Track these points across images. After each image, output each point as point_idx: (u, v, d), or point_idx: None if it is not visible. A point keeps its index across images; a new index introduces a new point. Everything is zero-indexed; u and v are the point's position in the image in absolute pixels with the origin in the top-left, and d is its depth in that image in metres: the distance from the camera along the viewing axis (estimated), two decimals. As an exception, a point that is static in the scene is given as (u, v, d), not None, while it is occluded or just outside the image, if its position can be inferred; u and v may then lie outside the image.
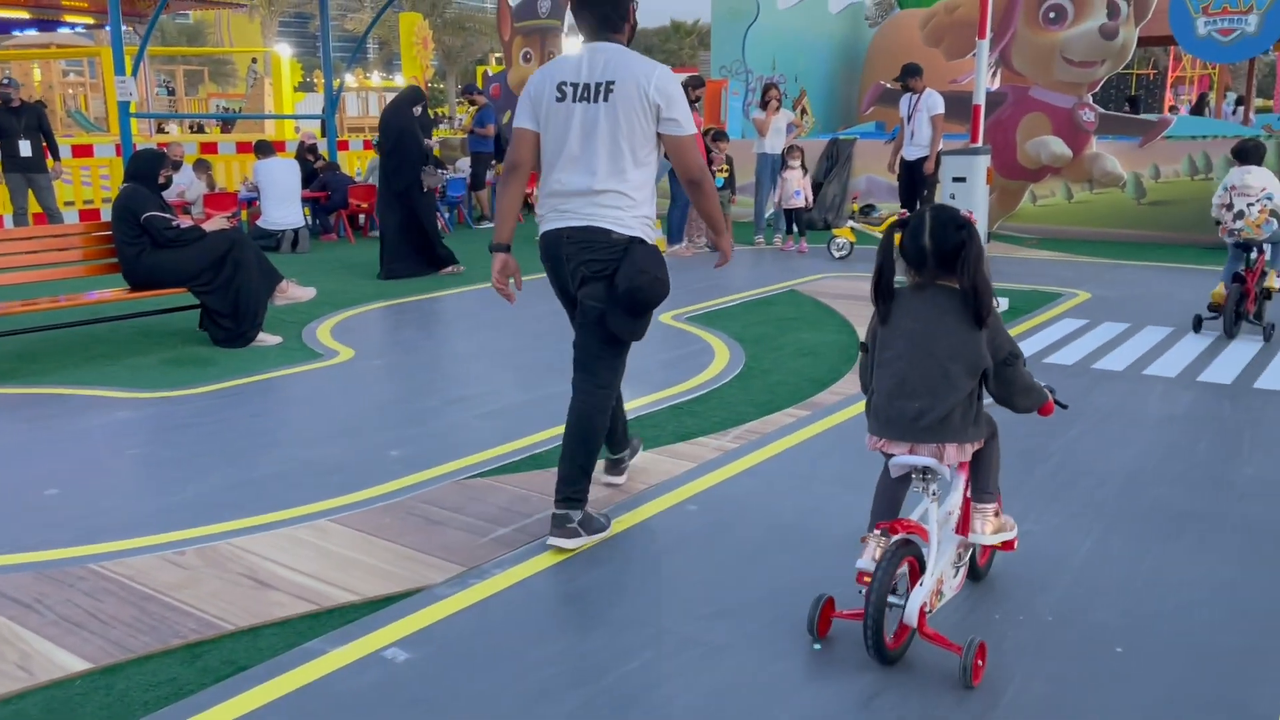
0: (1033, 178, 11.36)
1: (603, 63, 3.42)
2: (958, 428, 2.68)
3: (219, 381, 5.71)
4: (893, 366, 2.73)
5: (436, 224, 9.63)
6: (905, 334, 2.72)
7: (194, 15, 44.32)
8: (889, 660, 2.67)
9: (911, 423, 2.68)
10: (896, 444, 2.74)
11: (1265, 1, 10.14)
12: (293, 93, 23.72)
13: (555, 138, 3.49)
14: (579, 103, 3.43)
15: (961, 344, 2.66)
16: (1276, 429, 4.67)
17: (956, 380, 2.65)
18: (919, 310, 2.73)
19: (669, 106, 3.41)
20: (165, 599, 3.08)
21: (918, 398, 2.67)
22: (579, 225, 3.46)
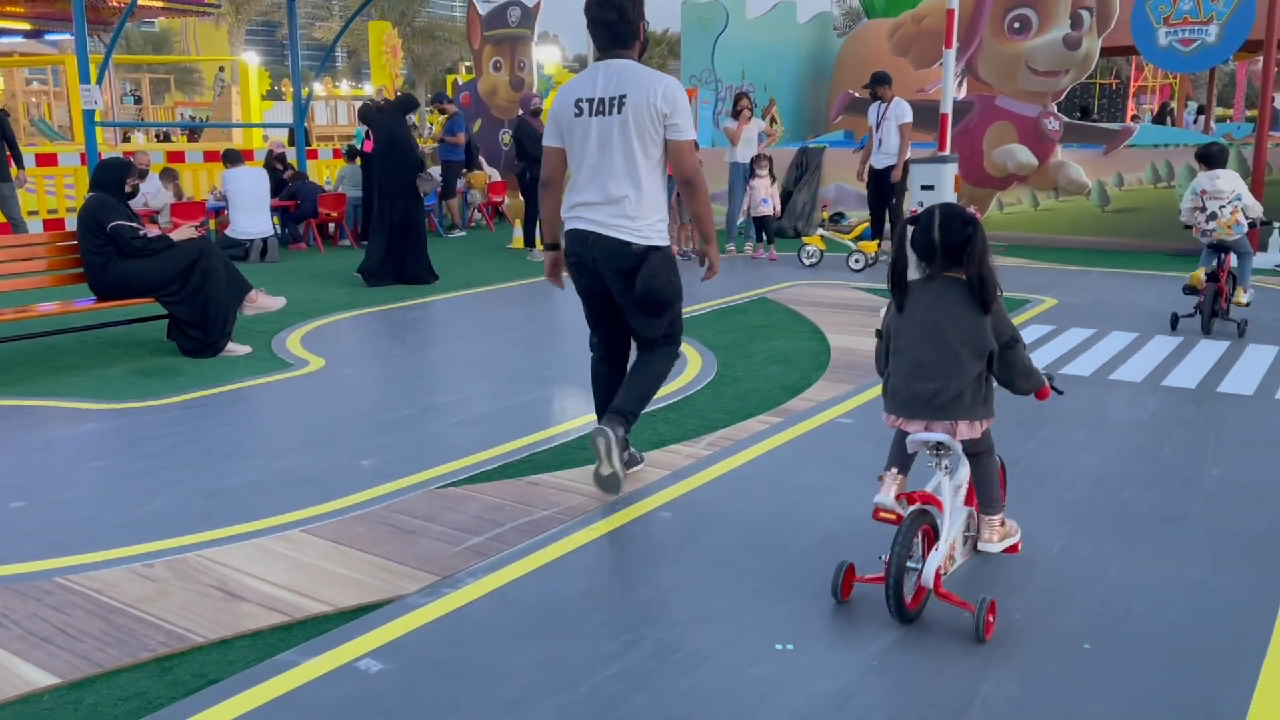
0: (999, 185, 11.50)
1: (616, 78, 3.77)
2: (969, 406, 2.93)
3: (188, 392, 5.65)
4: (909, 352, 2.96)
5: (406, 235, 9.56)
6: (919, 322, 2.96)
7: (160, 23, 43.92)
8: (908, 619, 2.93)
9: (927, 403, 2.93)
10: (912, 422, 2.98)
11: (1224, 13, 10.33)
12: (260, 101, 23.54)
13: (576, 150, 3.87)
14: (595, 116, 3.79)
15: (969, 329, 2.90)
16: (1240, 432, 4.75)
17: (966, 363, 2.90)
18: (930, 300, 2.95)
19: (673, 113, 3.75)
20: (134, 612, 3.04)
21: (932, 379, 2.91)
22: (603, 234, 3.83)
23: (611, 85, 3.77)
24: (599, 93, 3.78)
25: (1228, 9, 10.28)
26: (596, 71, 3.83)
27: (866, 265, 9.95)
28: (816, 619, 2.97)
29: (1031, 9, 10.80)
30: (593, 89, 3.80)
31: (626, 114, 3.73)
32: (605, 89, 3.77)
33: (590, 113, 3.80)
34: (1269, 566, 3.29)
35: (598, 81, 3.80)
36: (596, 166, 3.80)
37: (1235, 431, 4.76)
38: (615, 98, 3.75)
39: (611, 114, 3.75)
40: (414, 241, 9.45)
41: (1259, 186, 10.21)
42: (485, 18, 15.85)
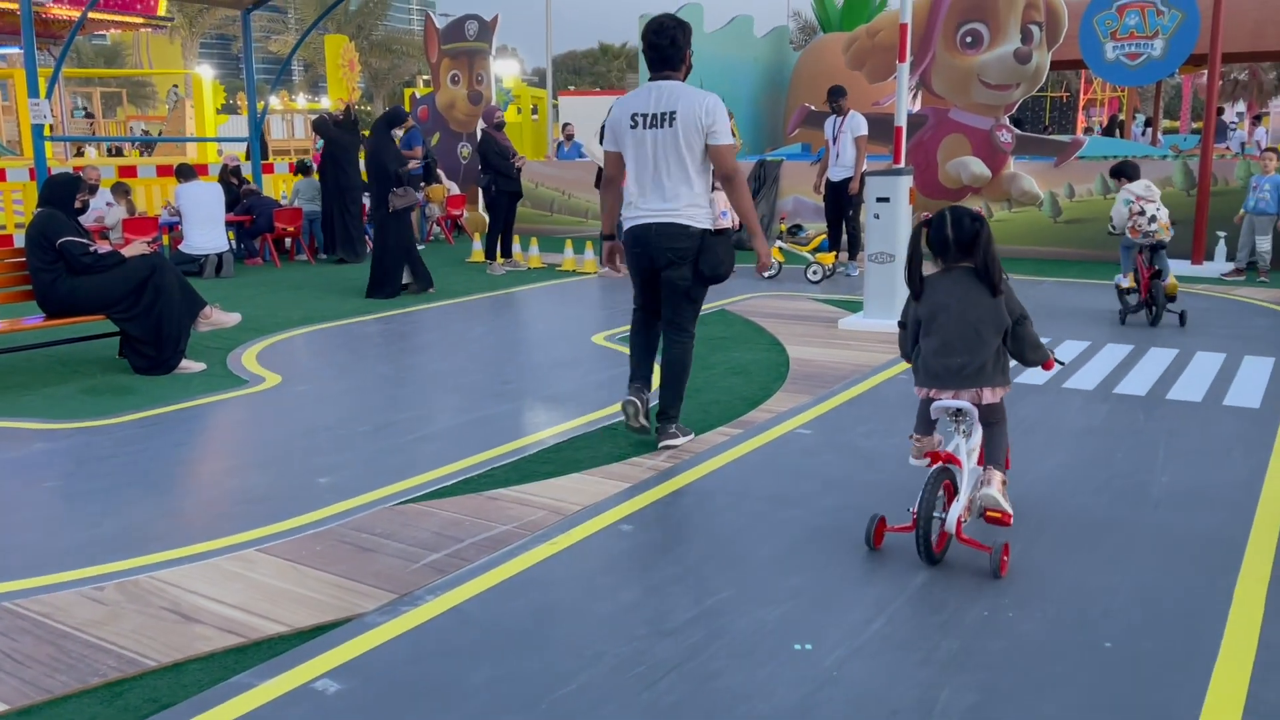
0: (954, 197, 11.65)
1: (667, 96, 4.49)
2: (990, 375, 3.45)
3: (140, 410, 5.56)
4: (937, 333, 3.46)
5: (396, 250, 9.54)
6: (943, 307, 3.46)
7: (112, 36, 43.34)
8: (935, 562, 3.39)
9: (955, 374, 3.44)
10: (941, 391, 3.48)
11: (1169, 28, 10.57)
12: (215, 115, 23.28)
13: (634, 158, 4.59)
14: (649, 129, 4.51)
15: (987, 310, 3.42)
16: (1189, 439, 4.84)
17: (987, 339, 3.42)
18: (949, 288, 3.47)
19: (714, 124, 4.49)
20: (84, 636, 2.98)
21: (959, 354, 3.43)
22: (664, 222, 4.56)
23: (663, 102, 4.48)
24: (652, 108, 4.49)
25: (1173, 24, 10.53)
26: (650, 90, 4.54)
27: (824, 277, 10.03)
28: (777, 630, 2.98)
29: (983, 24, 10.98)
30: (646, 105, 4.51)
31: (677, 127, 4.46)
32: (657, 105, 4.49)
33: (645, 126, 4.52)
34: (1218, 570, 3.36)
35: (650, 99, 4.51)
36: (655, 171, 4.53)
37: (1183, 439, 4.85)
38: (667, 113, 4.47)
39: (664, 127, 4.48)
40: (382, 255, 9.49)
41: (1205, 196, 10.45)
42: (443, 31, 15.81)
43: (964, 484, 3.44)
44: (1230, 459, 4.53)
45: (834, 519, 3.85)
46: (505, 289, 9.98)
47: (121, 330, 6.51)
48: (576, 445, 4.84)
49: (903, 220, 7.51)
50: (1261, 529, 3.70)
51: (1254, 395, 5.58)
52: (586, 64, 72.78)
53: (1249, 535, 3.65)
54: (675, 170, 4.52)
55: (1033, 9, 10.81)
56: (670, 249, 4.58)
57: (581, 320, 8.24)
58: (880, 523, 3.56)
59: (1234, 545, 3.56)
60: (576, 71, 71.25)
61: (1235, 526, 3.73)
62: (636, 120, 4.54)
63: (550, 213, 15.41)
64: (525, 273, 11.19)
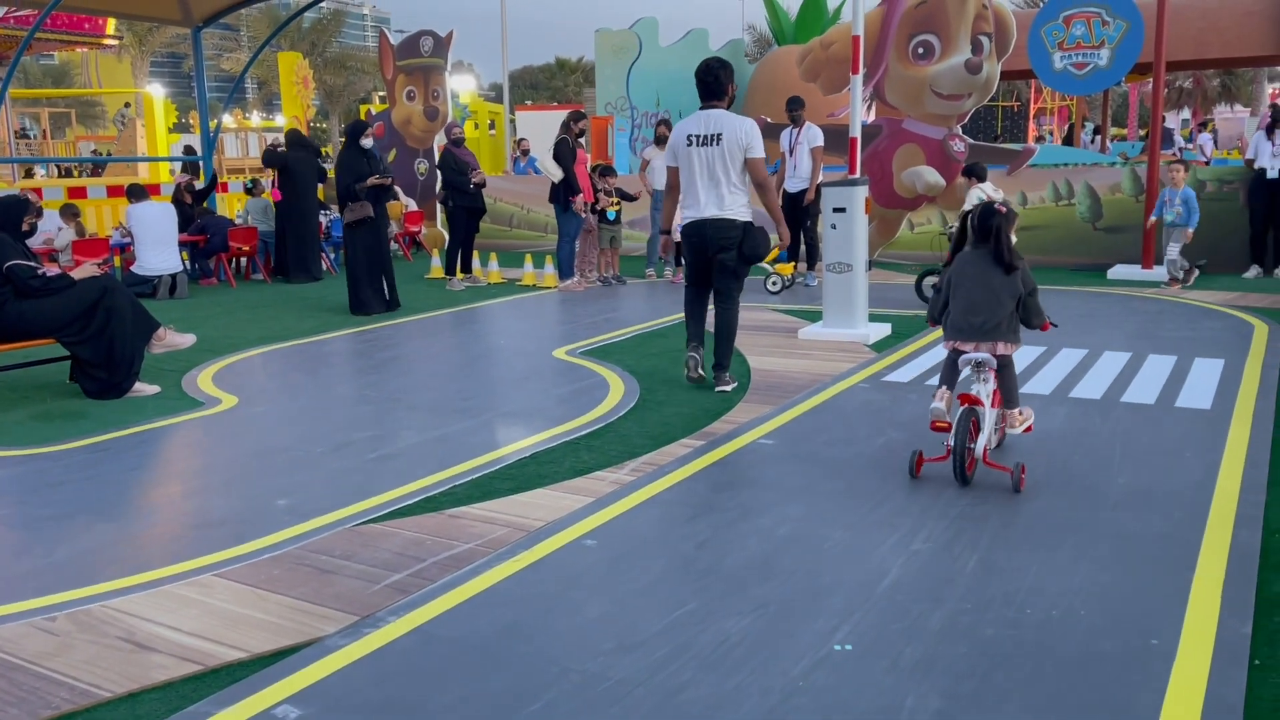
0: (909, 206, 11.78)
1: (714, 121, 5.86)
2: (1004, 332, 4.34)
3: (93, 435, 5.46)
4: (965, 298, 4.37)
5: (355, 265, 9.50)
6: (971, 277, 4.38)
7: (59, 56, 42.68)
8: (967, 483, 4.23)
9: (977, 330, 4.33)
10: (966, 344, 4.37)
11: (1115, 38, 10.78)
12: (167, 134, 22.99)
13: (689, 169, 5.93)
14: (701, 148, 5.86)
15: (1004, 281, 4.32)
16: (1143, 441, 4.92)
17: (1004, 302, 4.31)
18: (978, 262, 4.38)
19: (750, 143, 5.83)
20: (35, 668, 2.91)
21: (981, 314, 4.32)
22: (715, 217, 5.88)
23: (711, 126, 5.85)
24: (702, 130, 5.86)
25: (1118, 34, 10.74)
26: (701, 116, 5.92)
27: (784, 287, 10.08)
28: (743, 641, 2.97)
29: (934, 35, 11.13)
30: (699, 128, 5.88)
31: (722, 146, 5.80)
32: (707, 128, 5.85)
33: (698, 144, 5.87)
34: (1173, 570, 3.41)
35: (702, 123, 5.88)
36: (708, 180, 5.86)
37: (1138, 440, 4.92)
38: (714, 134, 5.82)
39: (712, 146, 5.82)
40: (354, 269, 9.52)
41: (1152, 202, 10.65)
42: (397, 48, 15.74)
43: (986, 420, 4.31)
44: (1183, 460, 4.60)
45: (797, 529, 3.86)
46: (465, 305, 9.93)
47: (72, 354, 6.39)
48: (539, 460, 4.81)
49: (859, 230, 7.57)
50: (1215, 528, 3.76)
51: (1205, 397, 5.68)
52: (543, 79, 72.82)
53: (1203, 534, 3.70)
54: (722, 178, 5.83)
55: (982, 20, 10.98)
56: (721, 238, 5.89)
57: (542, 335, 8.21)
58: (919, 456, 4.39)
59: (1189, 544, 3.61)
60: (533, 86, 71.26)
61: (1190, 526, 3.79)
62: (692, 140, 5.87)
63: (509, 227, 15.37)
64: (485, 288, 11.15)
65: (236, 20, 48.36)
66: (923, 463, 4.40)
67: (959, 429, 4.18)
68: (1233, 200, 10.81)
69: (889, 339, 7.63)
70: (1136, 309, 8.67)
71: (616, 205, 11.12)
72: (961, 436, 4.18)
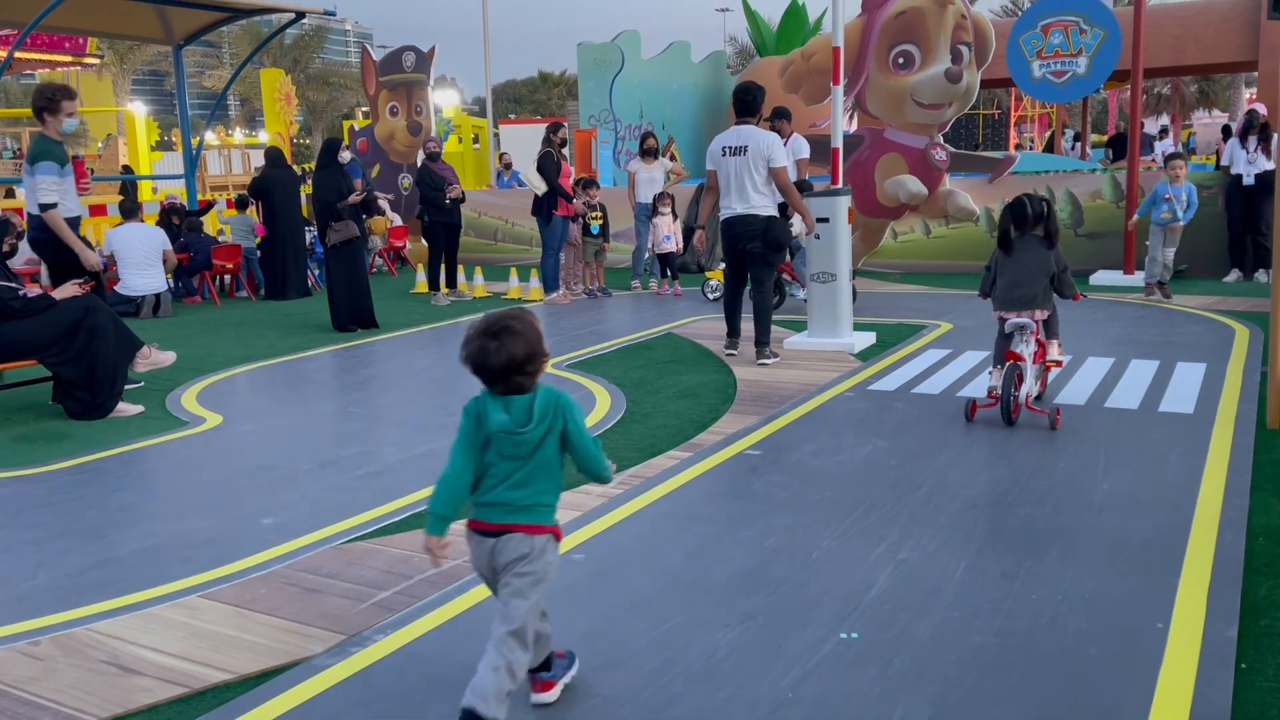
0: (893, 215, 11.83)
1: (743, 135, 7.08)
2: (1042, 301, 5.37)
3: (75, 456, 5.42)
4: (1010, 274, 5.39)
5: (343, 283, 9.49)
6: (1016, 258, 5.40)
7: (40, 75, 42.49)
8: (1011, 424, 5.23)
9: (1020, 300, 5.35)
10: (1010, 312, 5.38)
11: (1092, 46, 10.87)
12: (150, 152, 22.89)
13: (725, 175, 7.15)
14: (733, 157, 7.09)
15: (1043, 260, 5.35)
16: (1126, 445, 4.94)
17: (1041, 278, 5.34)
18: (1023, 246, 5.41)
19: (771, 154, 7.02)
20: (18, 694, 2.88)
21: (1024, 287, 5.35)
22: (746, 213, 7.11)
23: (741, 139, 7.06)
24: (734, 142, 7.08)
25: (1095, 41, 10.83)
26: (735, 131, 7.15)
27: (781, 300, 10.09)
28: (732, 653, 2.97)
29: (914, 45, 11.20)
30: (733, 140, 7.10)
31: (748, 156, 7.02)
32: (738, 141, 7.07)
33: (730, 154, 7.10)
34: (1159, 575, 3.42)
35: (734, 136, 7.11)
36: (737, 183, 7.08)
37: (1122, 445, 4.95)
38: (742, 146, 7.03)
39: (742, 155, 7.04)
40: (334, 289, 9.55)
41: (1132, 207, 10.73)
42: (380, 63, 15.75)
43: (1028, 374, 5.27)
44: (1167, 464, 4.63)
45: (785, 538, 3.86)
46: (450, 319, 9.92)
47: (55, 375, 6.35)
48: (526, 475, 4.80)
49: (842, 240, 7.60)
50: (1200, 532, 3.78)
51: (1187, 401, 5.72)
52: (526, 92, 72.92)
53: (1188, 538, 3.72)
54: (748, 182, 7.05)
55: (961, 30, 11.06)
56: (749, 230, 7.09)
57: (528, 349, 8.18)
58: (973, 403, 5.47)
59: (1174, 548, 3.63)
60: (517, 100, 71.36)
61: (1175, 530, 3.81)
62: (726, 150, 7.13)
63: (494, 241, 15.37)
64: (470, 302, 11.13)
65: (218, 38, 48.31)
66: (976, 408, 5.45)
67: (1005, 379, 5.21)
68: (1212, 205, 10.89)
69: (874, 348, 7.66)
70: (1118, 314, 8.72)
71: (598, 218, 11.14)
72: (1008, 385, 5.20)
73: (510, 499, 2.58)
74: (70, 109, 6.52)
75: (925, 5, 11.04)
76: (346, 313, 9.43)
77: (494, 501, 2.59)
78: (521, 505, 2.58)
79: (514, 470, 2.58)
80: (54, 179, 6.41)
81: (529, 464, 2.58)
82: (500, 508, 2.58)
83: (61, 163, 6.45)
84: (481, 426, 2.59)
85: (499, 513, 2.58)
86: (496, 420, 2.56)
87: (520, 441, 2.56)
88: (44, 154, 6.43)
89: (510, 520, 2.57)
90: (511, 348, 2.49)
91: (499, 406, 2.57)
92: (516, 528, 2.56)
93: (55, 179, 6.42)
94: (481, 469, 2.62)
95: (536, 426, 2.57)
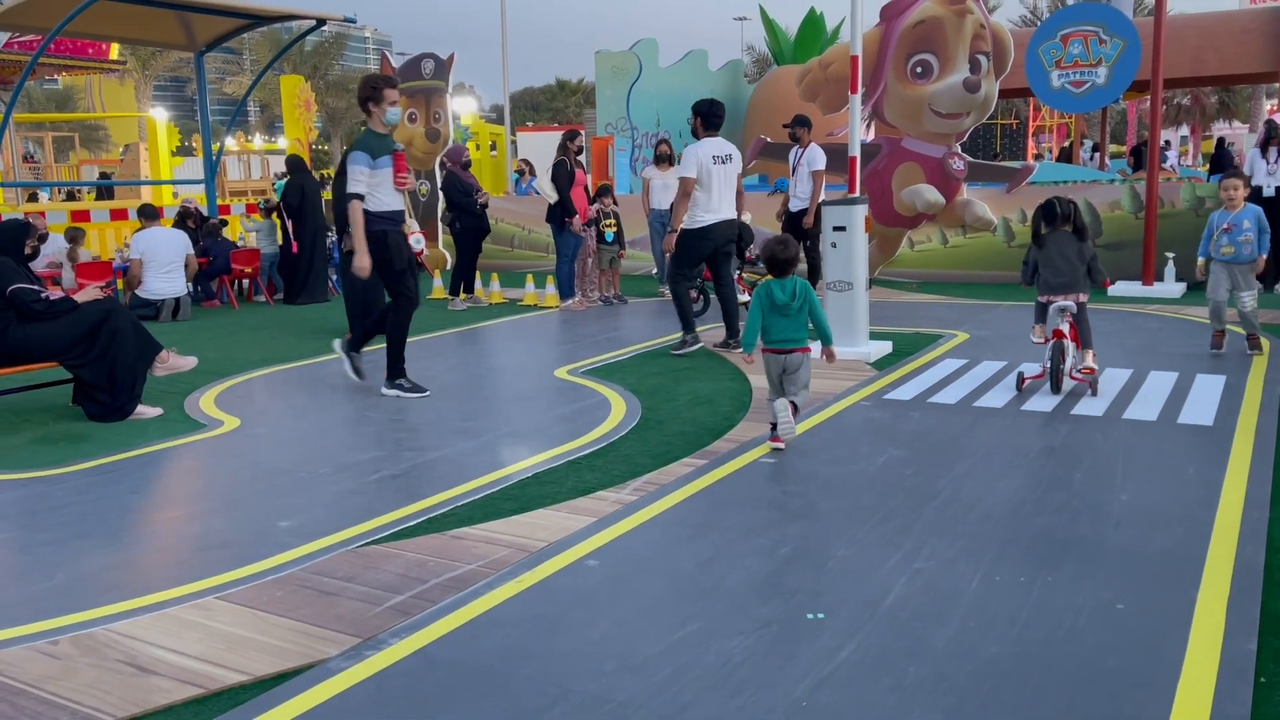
0: (909, 224, 11.81)
1: (726, 146, 7.81)
2: (1081, 285, 6.17)
3: (95, 458, 5.46)
4: (1052, 264, 6.19)
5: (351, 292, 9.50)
6: (1054, 250, 6.20)
7: (63, 80, 42.92)
8: (1059, 390, 6.11)
9: (1062, 286, 6.16)
10: (1055, 296, 6.17)
11: (1112, 56, 10.84)
12: (170, 157, 23.09)
13: (710, 183, 7.67)
14: (720, 165, 7.70)
15: (1076, 251, 6.16)
16: (1145, 458, 4.91)
17: (1078, 266, 6.15)
18: (1057, 240, 6.21)
19: (738, 164, 7.91)
20: (37, 693, 2.90)
21: (1064, 275, 6.16)
22: (731, 218, 7.88)
23: (725, 150, 7.79)
24: (721, 152, 7.75)
25: (1115, 52, 10.79)
26: (717, 142, 7.79)
27: None
28: (746, 661, 2.97)
29: (932, 54, 11.19)
30: (719, 150, 7.74)
31: (731, 166, 7.80)
32: (722, 151, 7.76)
33: (719, 163, 7.70)
34: (1177, 587, 3.40)
35: (718, 147, 7.76)
36: (727, 191, 7.79)
37: (1140, 457, 4.92)
38: (728, 155, 7.79)
39: (729, 164, 7.78)
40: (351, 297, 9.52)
41: (1152, 219, 10.68)
42: (399, 70, 15.82)
43: (1069, 351, 6.11)
44: (1186, 476, 4.60)
45: (800, 546, 3.85)
46: (466, 325, 9.95)
47: (75, 377, 6.40)
48: (541, 480, 4.81)
49: (859, 249, 7.59)
50: (1219, 545, 3.75)
51: (1207, 413, 5.68)
52: (544, 100, 73.17)
53: (1207, 551, 3.70)
54: (731, 190, 7.83)
55: (980, 39, 11.04)
56: (732, 233, 7.97)
57: (544, 355, 8.23)
58: (1022, 375, 6.38)
59: (1193, 561, 3.61)
60: (534, 107, 71.62)
61: (1193, 543, 3.78)
62: (715, 159, 7.69)
63: (511, 248, 15.41)
64: (486, 308, 11.17)
65: (239, 44, 48.69)
66: (1024, 380, 6.31)
67: (1053, 354, 6.08)
68: (1232, 216, 10.80)
69: (890, 357, 7.64)
70: (1137, 325, 8.67)
71: (612, 226, 11.15)
72: (1055, 359, 6.08)
73: (789, 336, 5.13)
74: (393, 98, 6.54)
75: (944, 14, 11.04)
76: (362, 324, 9.45)
77: (781, 338, 5.14)
78: (793, 338, 5.14)
79: (787, 322, 5.11)
80: (364, 169, 6.40)
81: (794, 319, 5.11)
82: (785, 340, 5.14)
83: (374, 154, 6.44)
84: (769, 299, 5.10)
85: (784, 344, 5.14)
86: (779, 296, 5.09)
87: (789, 308, 5.08)
88: (358, 145, 6.52)
89: (790, 346, 5.14)
90: (789, 251, 5.18)
91: (779, 287, 5.11)
92: (796, 350, 5.15)
93: (365, 169, 6.41)
94: (770, 322, 5.12)
95: (796, 299, 5.09)
